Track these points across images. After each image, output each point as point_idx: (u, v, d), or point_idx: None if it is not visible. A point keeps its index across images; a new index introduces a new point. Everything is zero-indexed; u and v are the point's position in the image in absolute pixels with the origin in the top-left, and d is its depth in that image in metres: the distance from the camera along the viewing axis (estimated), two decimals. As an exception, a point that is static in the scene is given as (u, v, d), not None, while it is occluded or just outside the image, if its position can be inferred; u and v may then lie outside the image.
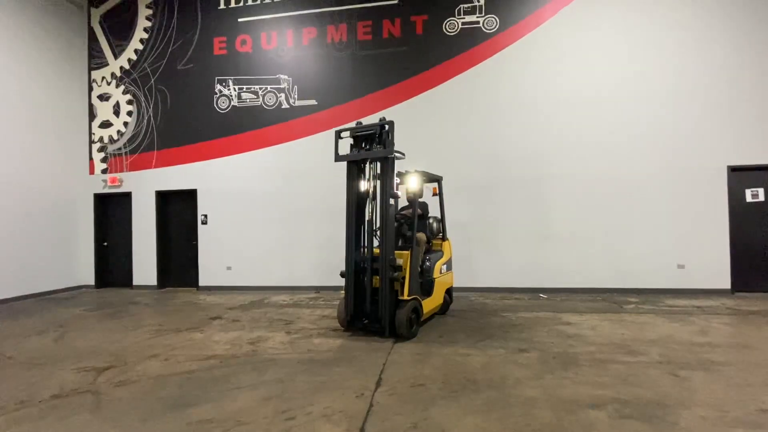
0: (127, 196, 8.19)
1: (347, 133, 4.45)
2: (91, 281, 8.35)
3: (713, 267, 6.25)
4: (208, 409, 2.71)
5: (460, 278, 6.23)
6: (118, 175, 8.19)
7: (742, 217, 6.33)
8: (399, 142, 4.46)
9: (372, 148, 4.34)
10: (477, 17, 6.86)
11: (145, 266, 8.06)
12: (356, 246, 4.43)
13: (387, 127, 4.20)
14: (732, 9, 6.30)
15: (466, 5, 6.89)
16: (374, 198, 4.40)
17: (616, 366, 3.34)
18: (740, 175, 6.32)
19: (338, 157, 4.47)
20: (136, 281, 8.11)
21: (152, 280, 8.03)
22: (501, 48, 6.80)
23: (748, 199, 6.36)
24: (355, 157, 4.39)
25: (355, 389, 2.97)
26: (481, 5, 6.86)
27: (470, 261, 6.77)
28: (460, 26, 6.91)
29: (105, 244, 8.40)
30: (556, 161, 6.69)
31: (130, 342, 4.37)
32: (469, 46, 6.86)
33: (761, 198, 6.35)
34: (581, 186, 6.63)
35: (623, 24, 6.58)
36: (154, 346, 4.17)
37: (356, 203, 4.44)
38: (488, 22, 6.84)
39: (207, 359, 3.74)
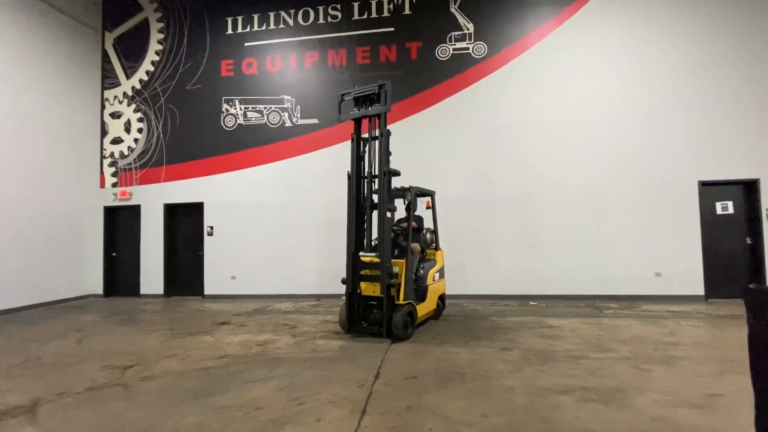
0: (136, 208, 8.59)
1: (349, 96, 5.00)
2: (100, 290, 8.68)
3: (688, 275, 6.71)
4: (228, 397, 3.09)
5: (452, 286, 6.65)
6: (127, 189, 8.60)
7: (713, 228, 6.82)
8: (394, 159, 4.94)
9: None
10: (467, 44, 7.44)
11: (152, 276, 8.41)
12: (355, 254, 4.85)
13: (384, 87, 4.75)
14: (705, 35, 6.88)
15: (456, 33, 7.47)
16: (373, 181, 4.87)
17: (588, 361, 3.76)
18: (710, 189, 6.84)
19: (340, 117, 5.08)
20: (143, 290, 8.45)
21: (159, 289, 8.37)
22: (489, 72, 7.36)
23: (719, 211, 6.87)
24: (356, 115, 4.94)
25: (357, 381, 3.36)
26: (471, 33, 7.44)
27: (462, 270, 7.20)
28: (451, 52, 7.48)
29: (114, 254, 8.76)
30: (542, 175, 7.18)
31: (147, 344, 4.73)
32: (460, 70, 7.43)
33: (730, 210, 6.86)
34: (565, 199, 7.11)
35: (602, 49, 7.16)
36: (170, 348, 4.54)
37: (356, 213, 4.88)
38: (477, 49, 7.42)
39: (221, 358, 4.12)
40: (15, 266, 7.08)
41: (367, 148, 4.96)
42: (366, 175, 4.94)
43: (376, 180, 4.84)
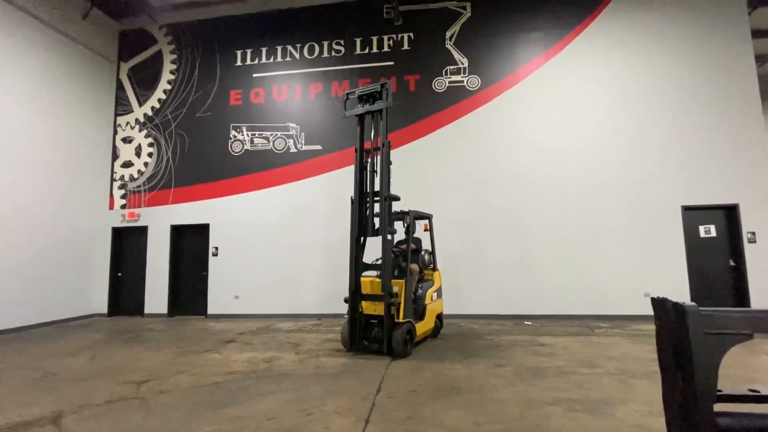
0: (143, 229, 8.87)
1: (354, 95, 5.45)
2: (104, 310, 8.84)
3: (675, 295, 6.90)
4: (240, 409, 3.31)
5: (449, 306, 6.90)
6: (136, 210, 8.90)
7: (698, 250, 7.16)
8: (394, 184, 5.30)
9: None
10: (461, 77, 7.96)
11: (156, 295, 8.61)
12: (357, 274, 5.12)
13: (386, 85, 5.20)
14: (684, 71, 7.39)
15: (452, 67, 8.02)
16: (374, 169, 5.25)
17: (577, 376, 4.00)
18: (693, 214, 7.22)
19: (345, 114, 5.54)
20: (147, 310, 8.62)
21: (163, 308, 8.55)
22: (483, 103, 7.86)
23: (702, 234, 7.22)
24: (360, 111, 5.35)
25: (360, 394, 3.59)
26: (465, 67, 7.98)
27: (459, 290, 7.46)
28: (447, 84, 8.00)
29: (119, 274, 8.97)
30: (535, 200, 7.55)
31: (157, 361, 4.93)
32: (455, 101, 7.92)
33: (713, 234, 7.22)
34: (557, 222, 7.46)
35: (587, 83, 7.67)
36: (180, 364, 4.74)
37: (357, 237, 5.19)
38: (471, 82, 7.94)
39: (230, 374, 4.33)
40: (23, 285, 7.28)
41: (369, 159, 5.32)
42: (368, 198, 5.25)
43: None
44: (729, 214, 7.18)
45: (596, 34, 7.74)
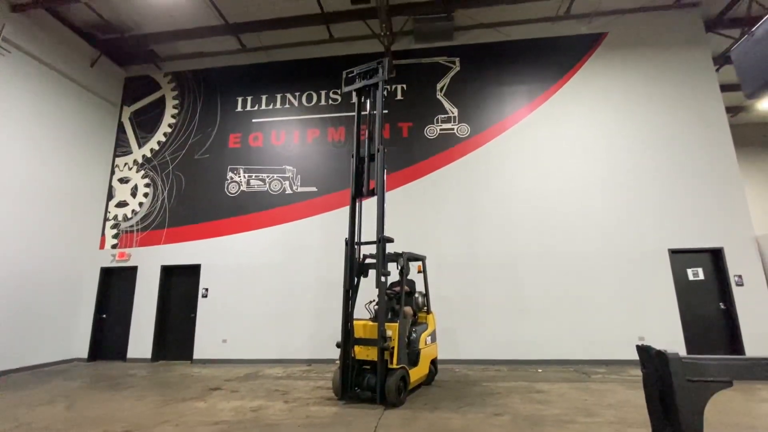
0: (133, 270, 8.73)
1: (353, 73, 5.81)
2: (84, 354, 8.45)
3: (669, 338, 6.96)
4: (225, 463, 3.14)
5: (444, 351, 6.78)
6: (126, 250, 8.81)
7: (688, 293, 7.24)
8: (388, 226, 5.38)
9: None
10: (452, 125, 8.37)
11: (141, 339, 8.31)
12: (350, 316, 5.05)
13: (382, 62, 5.46)
14: (663, 122, 7.86)
15: (442, 116, 8.45)
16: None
17: (576, 425, 3.90)
18: (680, 257, 7.38)
19: (344, 90, 5.91)
20: (130, 354, 8.28)
21: (147, 353, 8.22)
22: (472, 149, 8.20)
23: (690, 277, 7.34)
24: (357, 86, 5.71)
25: (352, 446, 3.44)
26: (455, 116, 8.41)
27: (453, 334, 7.34)
28: (438, 132, 8.38)
29: (103, 316, 8.70)
30: (526, 244, 7.67)
31: (139, 410, 4.69)
32: (446, 147, 8.26)
33: (701, 277, 7.34)
34: (549, 266, 7.53)
35: (573, 132, 8.09)
36: (163, 414, 4.52)
37: (350, 274, 5.18)
38: (461, 129, 8.34)
39: (215, 424, 4.13)
40: (3, 329, 7.01)
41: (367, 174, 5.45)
42: (364, 162, 5.49)
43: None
44: (715, 258, 7.35)
45: (578, 87, 8.27)
